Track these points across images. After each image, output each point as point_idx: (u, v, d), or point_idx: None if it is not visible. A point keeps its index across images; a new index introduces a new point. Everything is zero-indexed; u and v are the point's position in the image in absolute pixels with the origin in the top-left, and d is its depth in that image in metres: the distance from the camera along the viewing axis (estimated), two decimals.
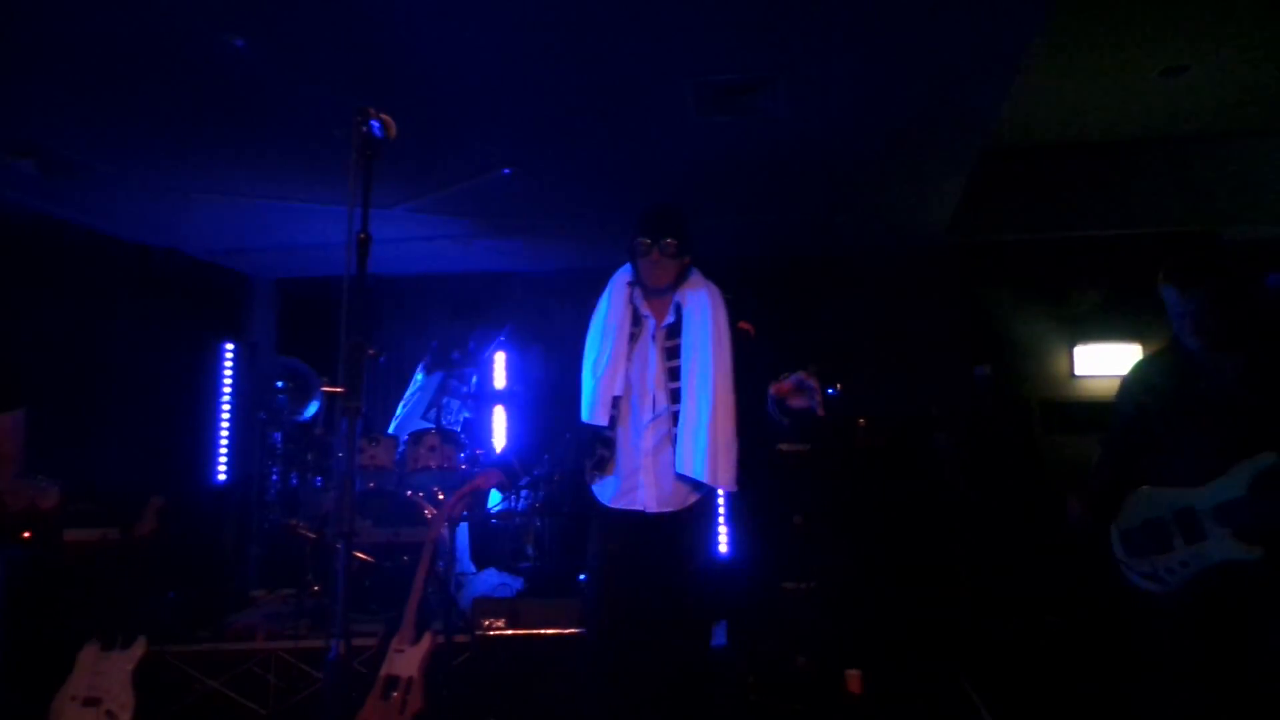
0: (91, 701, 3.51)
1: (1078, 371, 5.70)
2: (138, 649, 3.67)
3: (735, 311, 2.82)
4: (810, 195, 4.91)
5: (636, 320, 2.78)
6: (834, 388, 4.69)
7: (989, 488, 5.69)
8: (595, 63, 3.30)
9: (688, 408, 2.66)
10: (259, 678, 4.11)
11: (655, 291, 2.80)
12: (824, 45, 3.16)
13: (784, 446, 4.47)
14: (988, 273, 5.88)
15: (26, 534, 3.73)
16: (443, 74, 3.35)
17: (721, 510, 5.24)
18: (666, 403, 2.70)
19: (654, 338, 2.76)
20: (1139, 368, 2.89)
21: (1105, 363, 5.61)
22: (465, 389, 5.35)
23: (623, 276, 2.86)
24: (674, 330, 2.76)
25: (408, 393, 5.56)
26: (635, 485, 2.70)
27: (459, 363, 5.38)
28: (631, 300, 2.81)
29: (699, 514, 2.75)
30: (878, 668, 4.44)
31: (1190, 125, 5.24)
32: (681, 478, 2.66)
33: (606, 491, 2.74)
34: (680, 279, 2.80)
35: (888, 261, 5.98)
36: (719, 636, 5.02)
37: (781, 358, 5.86)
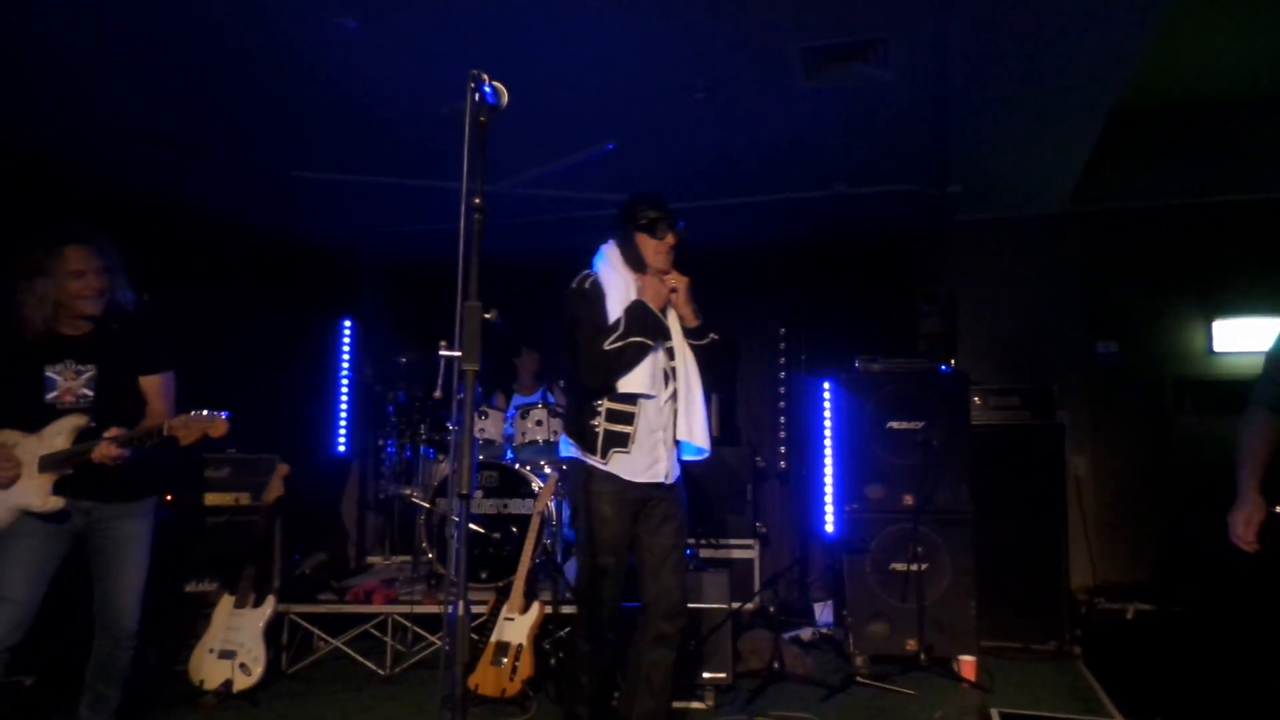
0: (227, 654, 3.75)
1: (1216, 348, 5.32)
2: (268, 607, 3.88)
3: None
4: (922, 164, 4.73)
5: None
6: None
7: (1115, 469, 5.41)
8: (699, 30, 3.25)
9: (684, 386, 2.89)
10: (377, 639, 4.30)
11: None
12: (938, 1, 3.01)
13: (895, 424, 4.34)
14: (1113, 242, 5.54)
15: (169, 496, 4.00)
16: (549, 47, 3.37)
17: (829, 489, 5.16)
18: (671, 381, 2.89)
19: None
20: None
21: (1247, 338, 5.21)
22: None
23: (615, 256, 2.92)
24: (663, 314, 2.89)
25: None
26: (657, 459, 2.85)
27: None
28: (633, 284, 2.87)
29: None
30: (993, 652, 4.31)
31: None
32: (679, 448, 2.94)
33: (628, 467, 2.81)
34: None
35: (1003, 232, 5.72)
36: (826, 616, 4.97)
37: (894, 331, 5.70)
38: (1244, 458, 2.58)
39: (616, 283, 2.86)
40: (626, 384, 2.79)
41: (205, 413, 2.72)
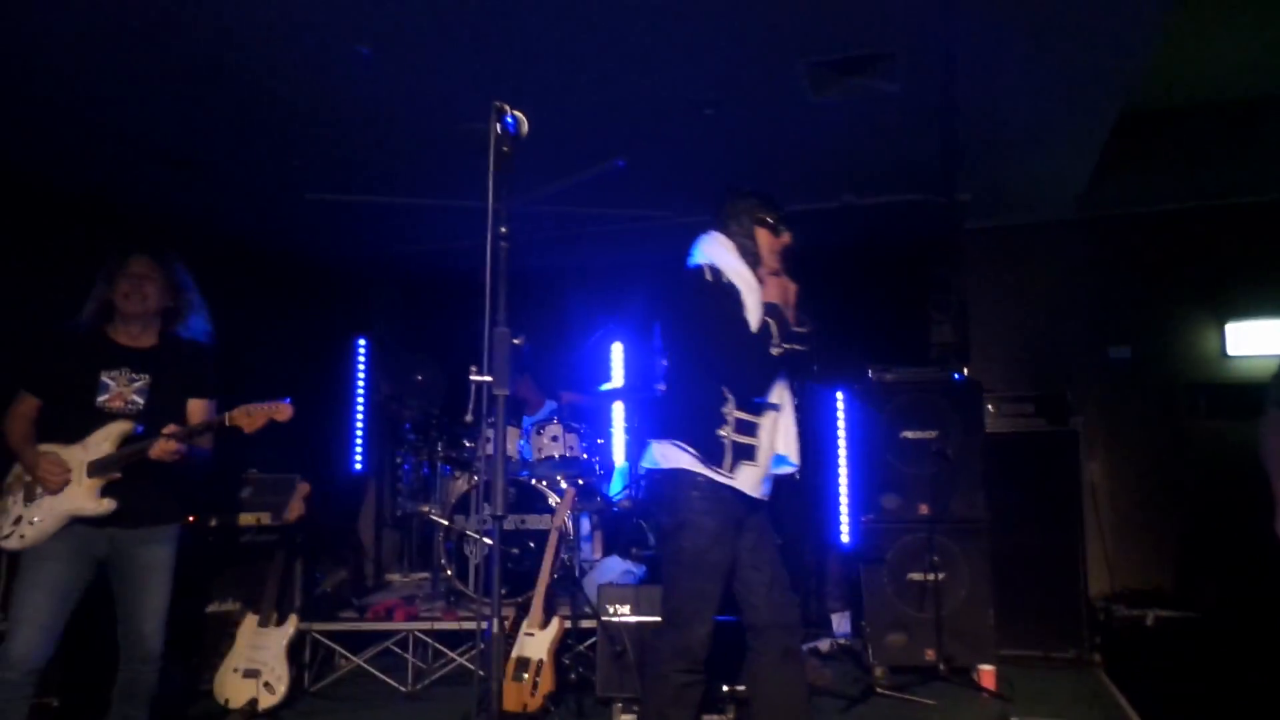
0: (251, 673, 3.77)
1: (1230, 351, 5.31)
2: (290, 625, 3.91)
3: None
4: (930, 174, 4.75)
5: None
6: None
7: (1130, 474, 5.40)
8: (708, 48, 3.29)
9: (786, 397, 2.71)
10: (398, 656, 4.32)
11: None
12: (945, 14, 3.04)
13: (909, 434, 4.35)
14: (1123, 247, 5.54)
15: (191, 518, 4.04)
16: (559, 65, 3.41)
17: (845, 499, 5.16)
18: (778, 391, 2.70)
19: None
20: None
21: (1262, 341, 5.19)
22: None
23: (731, 249, 2.73)
24: None
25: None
26: (768, 473, 2.71)
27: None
28: (754, 282, 2.71)
29: None
30: (1011, 661, 4.30)
31: None
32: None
33: (750, 480, 2.62)
34: None
35: (1014, 239, 5.73)
36: (844, 627, 4.96)
37: (906, 340, 5.66)
38: (1273, 464, 2.56)
39: (747, 279, 2.65)
40: (761, 387, 2.65)
41: (267, 402, 2.82)
